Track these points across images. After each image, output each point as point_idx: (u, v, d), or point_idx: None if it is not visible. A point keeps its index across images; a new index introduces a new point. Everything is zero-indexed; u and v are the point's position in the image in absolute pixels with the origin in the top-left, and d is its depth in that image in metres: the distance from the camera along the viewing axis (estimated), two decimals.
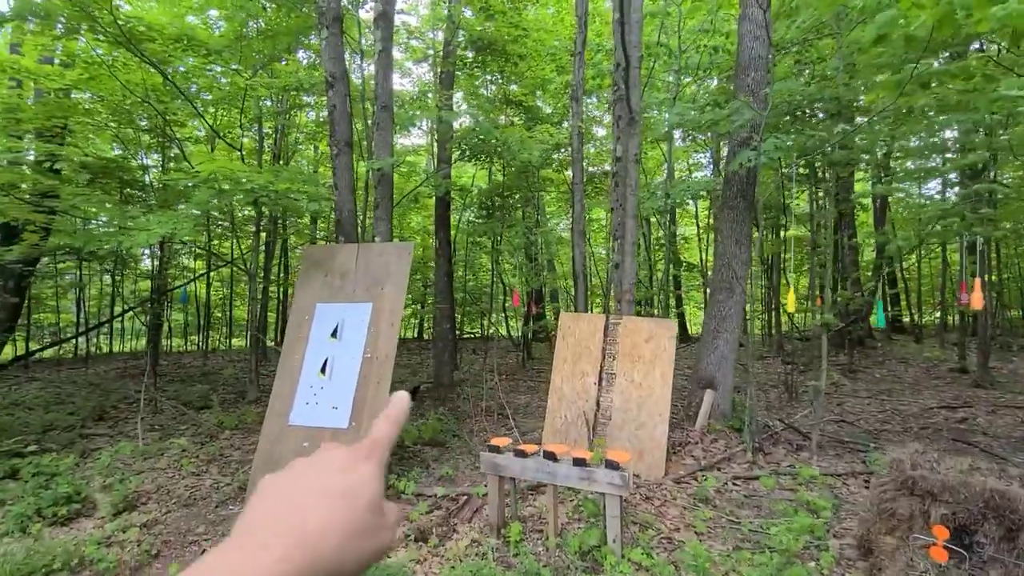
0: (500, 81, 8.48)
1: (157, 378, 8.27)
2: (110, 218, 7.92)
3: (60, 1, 4.88)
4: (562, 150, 7.89)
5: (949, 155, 7.24)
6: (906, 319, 14.52)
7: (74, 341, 13.94)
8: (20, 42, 9.15)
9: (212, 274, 13.68)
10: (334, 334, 4.48)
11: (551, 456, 3.25)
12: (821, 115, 6.29)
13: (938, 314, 14.74)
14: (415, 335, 17.74)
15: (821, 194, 9.71)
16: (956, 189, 8.26)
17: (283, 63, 7.13)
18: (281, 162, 9.20)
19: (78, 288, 14.10)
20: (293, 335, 4.64)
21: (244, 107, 6.93)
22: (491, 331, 11.05)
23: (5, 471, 4.36)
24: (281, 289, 13.22)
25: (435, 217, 7.46)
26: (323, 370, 4.37)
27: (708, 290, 5.73)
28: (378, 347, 4.34)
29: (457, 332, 9.08)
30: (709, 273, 12.71)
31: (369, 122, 6.19)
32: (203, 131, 9.04)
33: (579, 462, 3.15)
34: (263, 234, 8.07)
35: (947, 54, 6.11)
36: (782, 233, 10.39)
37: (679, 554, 3.05)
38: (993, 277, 9.99)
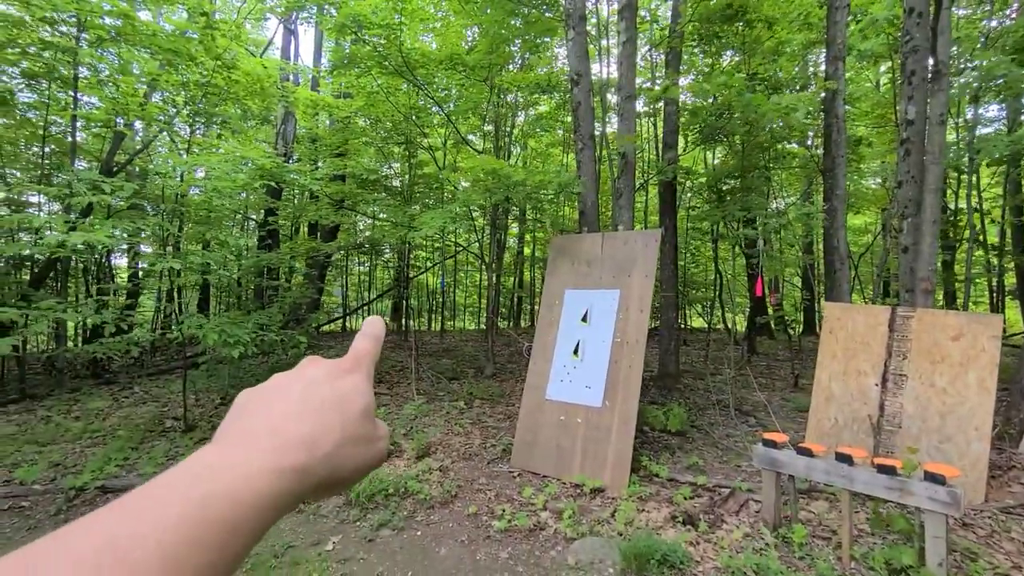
0: (732, 54, 7.87)
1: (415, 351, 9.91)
2: (376, 215, 9.69)
3: (365, 49, 6.09)
4: (806, 118, 6.98)
5: None
6: None
7: (342, 319, 17.60)
8: (317, 82, 11.78)
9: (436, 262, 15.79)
10: (584, 318, 4.76)
11: (846, 459, 2.96)
12: None
13: None
14: None
15: None
16: None
17: (516, 66, 7.74)
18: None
19: (345, 275, 17.74)
20: (545, 318, 5.06)
21: (485, 112, 7.74)
22: (713, 322, 10.49)
23: None
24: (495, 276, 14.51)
25: (659, 203, 7.34)
26: (576, 352, 4.69)
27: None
28: (628, 332, 4.47)
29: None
30: (993, 258, 9.99)
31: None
32: (433, 139, 10.39)
33: (886, 469, 2.80)
34: (491, 226, 8.96)
35: None
36: None
37: None
38: None
